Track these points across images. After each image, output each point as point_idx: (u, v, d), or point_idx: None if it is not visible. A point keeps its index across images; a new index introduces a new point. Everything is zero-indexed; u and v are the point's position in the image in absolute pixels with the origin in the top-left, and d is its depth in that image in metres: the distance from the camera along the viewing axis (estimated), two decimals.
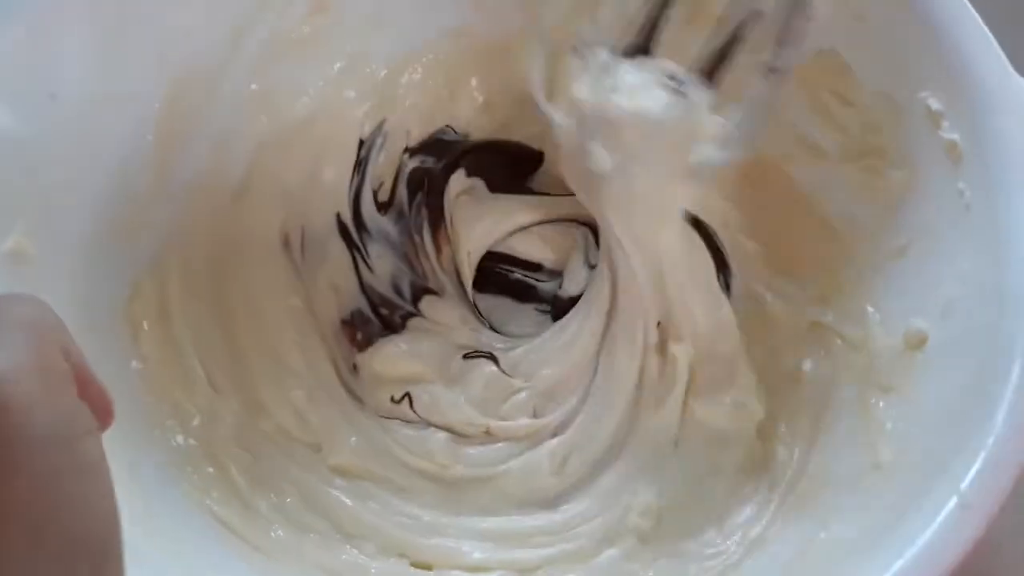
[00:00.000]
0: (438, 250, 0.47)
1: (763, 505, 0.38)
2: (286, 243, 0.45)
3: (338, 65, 0.45)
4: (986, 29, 0.33)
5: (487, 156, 0.49)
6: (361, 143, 0.46)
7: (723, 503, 0.39)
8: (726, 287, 0.44)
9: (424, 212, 0.47)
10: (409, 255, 0.47)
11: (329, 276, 0.46)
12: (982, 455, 0.28)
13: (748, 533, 0.37)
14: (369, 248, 0.46)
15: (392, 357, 0.44)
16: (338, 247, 0.46)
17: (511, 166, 0.49)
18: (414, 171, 0.48)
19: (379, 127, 0.47)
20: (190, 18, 0.38)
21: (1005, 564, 0.39)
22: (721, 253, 0.45)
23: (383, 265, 0.47)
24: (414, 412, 0.43)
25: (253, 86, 0.42)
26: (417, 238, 0.47)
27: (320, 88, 0.45)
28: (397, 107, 0.47)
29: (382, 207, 0.47)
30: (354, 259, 0.46)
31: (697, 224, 0.44)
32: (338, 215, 0.46)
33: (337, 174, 0.46)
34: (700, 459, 0.41)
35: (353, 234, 0.46)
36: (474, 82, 0.48)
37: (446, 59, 0.47)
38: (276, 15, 0.41)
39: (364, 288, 0.46)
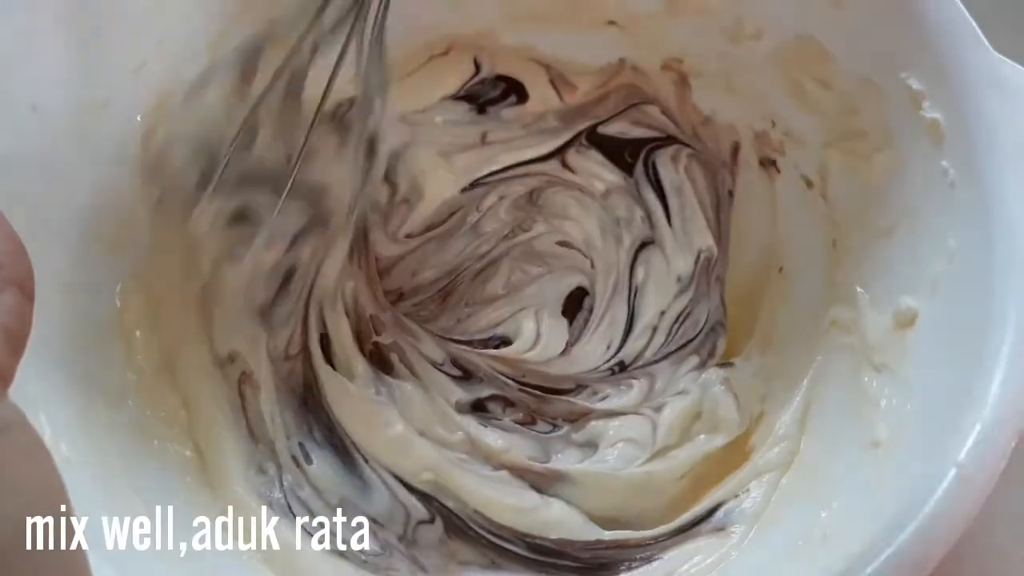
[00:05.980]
0: None
1: (761, 486, 0.38)
2: None
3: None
4: (962, 7, 0.34)
5: None
6: None
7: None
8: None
9: None
10: None
11: None
12: (978, 426, 0.28)
13: (747, 513, 0.38)
14: None
15: None
16: None
17: None
18: None
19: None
20: (171, 26, 0.38)
21: (1005, 563, 0.39)
22: None
23: None
24: None
25: None
26: None
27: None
28: None
29: None
30: None
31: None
32: None
33: None
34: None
35: None
36: None
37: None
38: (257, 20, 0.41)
39: None
